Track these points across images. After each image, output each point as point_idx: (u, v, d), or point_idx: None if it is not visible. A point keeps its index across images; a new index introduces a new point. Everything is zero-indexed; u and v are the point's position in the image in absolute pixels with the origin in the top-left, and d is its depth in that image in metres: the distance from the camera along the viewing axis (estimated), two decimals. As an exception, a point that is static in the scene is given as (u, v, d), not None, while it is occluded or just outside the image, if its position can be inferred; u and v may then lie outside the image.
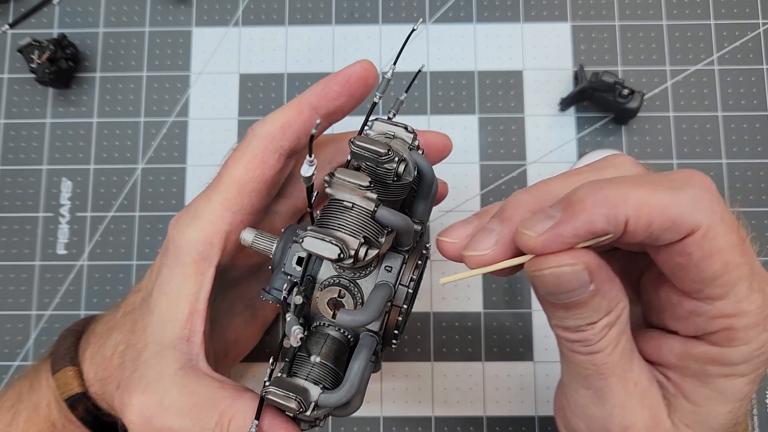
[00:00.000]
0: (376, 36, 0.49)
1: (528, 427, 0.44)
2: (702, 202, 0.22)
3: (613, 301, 0.24)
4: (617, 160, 0.26)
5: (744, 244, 0.22)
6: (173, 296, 0.32)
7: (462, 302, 0.46)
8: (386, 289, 0.28)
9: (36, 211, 0.47)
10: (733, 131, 0.47)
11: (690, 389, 0.25)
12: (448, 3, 0.49)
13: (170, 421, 0.30)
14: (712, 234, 0.22)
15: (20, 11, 0.50)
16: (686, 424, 0.25)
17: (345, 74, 0.33)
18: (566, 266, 0.22)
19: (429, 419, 0.44)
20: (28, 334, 0.46)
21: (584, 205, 0.22)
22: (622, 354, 0.25)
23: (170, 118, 0.48)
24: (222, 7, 0.50)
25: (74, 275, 0.47)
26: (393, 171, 0.27)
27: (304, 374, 0.28)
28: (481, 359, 0.45)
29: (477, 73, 0.48)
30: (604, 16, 0.49)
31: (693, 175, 0.22)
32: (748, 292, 0.23)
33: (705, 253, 0.22)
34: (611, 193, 0.22)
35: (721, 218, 0.22)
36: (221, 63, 0.49)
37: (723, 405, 0.25)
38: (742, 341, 0.23)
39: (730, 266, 0.22)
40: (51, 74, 0.46)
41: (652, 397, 0.26)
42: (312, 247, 0.26)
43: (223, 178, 0.33)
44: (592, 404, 0.26)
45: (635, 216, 0.21)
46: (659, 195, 0.22)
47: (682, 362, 0.25)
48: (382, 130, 0.29)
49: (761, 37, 0.48)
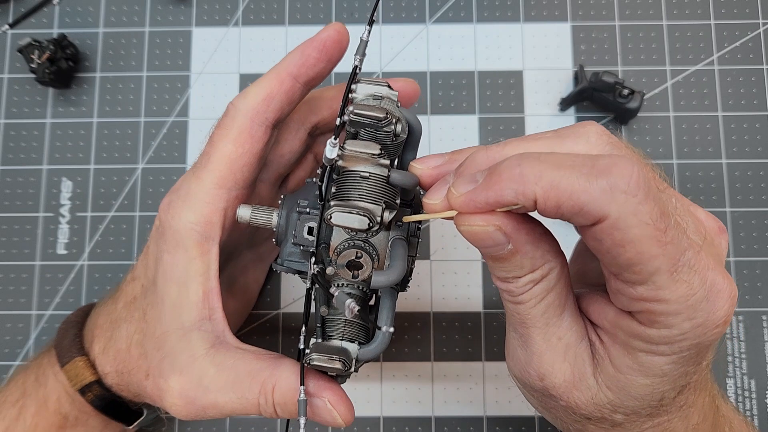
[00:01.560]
0: (376, 36, 0.49)
1: (528, 427, 0.44)
2: (614, 193, 0.22)
3: (538, 261, 0.26)
4: (584, 129, 0.26)
5: (665, 235, 0.23)
6: (182, 281, 0.32)
7: (462, 302, 0.46)
8: (403, 244, 0.30)
9: (36, 211, 0.47)
10: (733, 131, 0.47)
11: (615, 355, 0.26)
12: (448, 3, 0.49)
13: (214, 398, 0.31)
14: (622, 225, 0.22)
15: (20, 11, 0.50)
16: (608, 386, 0.27)
17: (320, 39, 0.33)
18: (477, 227, 0.25)
19: (429, 419, 0.44)
20: (28, 334, 0.46)
21: (500, 177, 0.24)
22: (547, 309, 0.27)
23: (170, 118, 0.48)
24: (222, 7, 0.50)
25: (74, 275, 0.47)
26: (392, 132, 0.28)
27: (339, 335, 0.30)
28: (481, 359, 0.45)
29: (477, 73, 0.48)
30: (604, 16, 0.49)
31: (617, 164, 0.22)
32: (669, 281, 0.23)
33: (615, 242, 0.23)
34: (527, 170, 0.23)
35: (635, 211, 0.22)
36: (221, 63, 0.49)
37: (642, 377, 0.26)
38: (662, 325, 0.24)
39: (644, 257, 0.23)
40: (51, 74, 0.46)
41: (578, 354, 0.27)
42: (341, 221, 0.27)
43: (212, 156, 0.33)
44: (518, 347, 0.28)
45: (544, 196, 0.23)
46: (572, 180, 0.22)
47: (613, 329, 0.26)
48: (367, 92, 0.29)
49: (761, 37, 0.48)
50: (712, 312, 0.24)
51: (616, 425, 0.28)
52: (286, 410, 0.31)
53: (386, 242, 0.30)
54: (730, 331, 0.45)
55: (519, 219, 0.25)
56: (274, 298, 0.46)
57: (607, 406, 0.27)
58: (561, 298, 0.27)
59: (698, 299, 0.24)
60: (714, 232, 0.28)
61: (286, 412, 0.31)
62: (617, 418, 0.28)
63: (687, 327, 0.24)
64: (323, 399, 0.30)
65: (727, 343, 0.45)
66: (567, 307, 0.27)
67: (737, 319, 0.45)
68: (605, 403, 0.27)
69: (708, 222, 0.28)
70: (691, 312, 0.24)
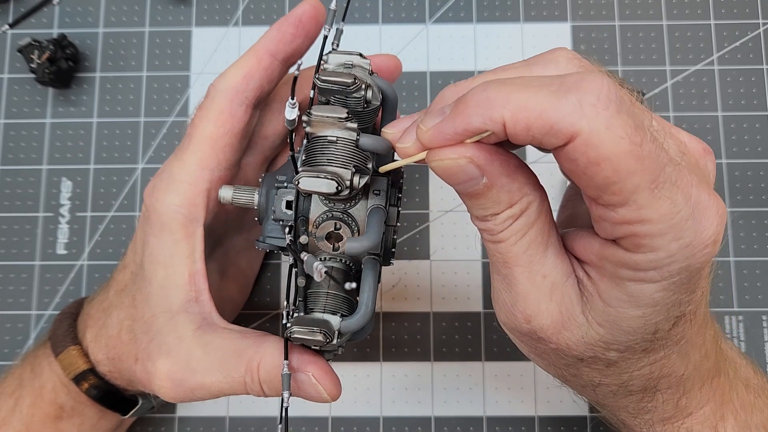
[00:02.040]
0: (376, 36, 0.49)
1: (528, 427, 0.44)
2: (584, 108, 0.21)
3: (516, 195, 0.25)
4: (554, 54, 0.26)
5: (641, 149, 0.21)
6: (168, 263, 0.32)
7: (462, 302, 0.46)
8: (381, 212, 0.30)
9: (36, 211, 0.47)
10: (733, 131, 0.47)
11: (604, 289, 0.25)
12: (448, 3, 0.49)
13: (201, 379, 0.31)
14: (595, 141, 0.21)
15: (20, 11, 0.50)
16: (598, 322, 0.26)
17: (296, 15, 0.33)
18: (448, 160, 0.24)
19: (429, 419, 0.44)
20: (28, 334, 0.46)
21: (467, 105, 0.23)
22: (529, 246, 0.25)
23: (170, 118, 0.48)
24: (222, 7, 0.50)
25: (74, 275, 0.47)
26: (362, 98, 0.28)
27: (320, 308, 0.29)
28: (481, 359, 0.45)
29: (477, 73, 0.48)
30: (604, 16, 0.49)
31: (586, 78, 0.21)
32: (651, 199, 0.22)
33: (590, 159, 0.22)
34: (493, 95, 0.22)
35: (607, 125, 0.21)
36: (221, 63, 0.49)
37: (633, 308, 0.25)
38: (648, 248, 0.23)
39: (621, 174, 0.21)
40: (51, 74, 0.46)
41: (564, 292, 0.26)
42: (309, 185, 0.27)
43: (193, 138, 0.33)
44: (503, 289, 0.27)
45: (512, 119, 0.22)
46: (540, 99, 0.21)
47: (600, 262, 0.25)
48: (339, 61, 0.29)
49: (761, 37, 0.48)
50: (700, 231, 0.23)
51: (610, 364, 0.27)
52: (272, 387, 0.31)
53: (365, 212, 0.30)
54: (730, 330, 0.45)
55: (491, 150, 0.24)
56: (274, 298, 0.46)
57: (599, 343, 0.26)
58: (543, 234, 0.26)
59: (683, 217, 0.22)
60: (699, 154, 0.26)
61: (272, 390, 0.31)
62: (611, 356, 0.27)
63: (674, 248, 0.23)
64: (307, 374, 0.30)
65: (727, 343, 0.45)
66: (550, 244, 0.26)
67: (737, 319, 0.45)
68: (597, 341, 0.26)
69: (692, 144, 0.26)
70: (677, 231, 0.22)
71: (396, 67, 0.37)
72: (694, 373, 0.29)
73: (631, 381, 0.28)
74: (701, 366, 0.29)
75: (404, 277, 0.46)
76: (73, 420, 0.36)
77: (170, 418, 0.44)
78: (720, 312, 0.45)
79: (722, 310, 0.45)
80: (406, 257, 0.46)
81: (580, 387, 0.31)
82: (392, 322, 0.45)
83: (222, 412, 0.45)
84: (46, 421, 0.36)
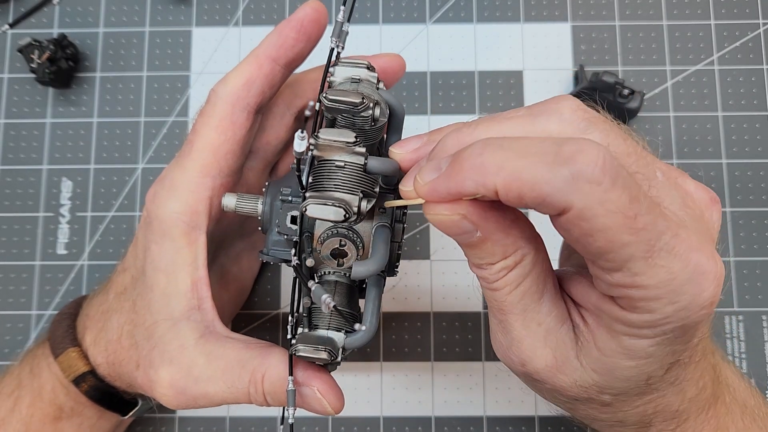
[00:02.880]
0: (376, 36, 0.49)
1: (528, 427, 0.44)
2: (577, 183, 0.21)
3: (510, 248, 0.25)
4: (557, 105, 0.26)
5: (635, 222, 0.22)
6: (170, 271, 0.32)
7: (462, 302, 0.46)
8: (386, 231, 0.29)
9: (36, 211, 0.47)
10: (733, 131, 0.47)
11: (600, 338, 0.26)
12: (448, 3, 0.49)
13: (204, 388, 0.31)
14: (588, 215, 0.21)
15: (20, 11, 0.50)
16: (593, 368, 0.26)
17: (298, 18, 0.33)
18: (442, 215, 0.24)
19: (429, 419, 0.44)
20: (28, 334, 0.46)
21: (461, 167, 0.23)
22: (524, 296, 0.26)
23: (170, 118, 0.48)
24: (222, 7, 0.50)
25: (74, 275, 0.47)
26: (369, 117, 0.27)
27: (325, 325, 0.29)
28: (481, 359, 0.45)
29: (477, 73, 0.48)
30: (604, 16, 0.49)
31: (582, 151, 0.21)
32: (645, 267, 0.22)
33: (583, 231, 0.22)
34: (488, 160, 0.22)
35: (600, 200, 0.21)
36: (221, 63, 0.49)
37: (627, 360, 0.25)
38: (643, 310, 0.23)
39: (615, 245, 0.22)
40: (51, 74, 0.46)
41: (559, 338, 0.27)
42: (317, 213, 0.26)
43: (194, 144, 0.33)
44: (499, 332, 0.28)
45: (505, 188, 0.22)
46: (534, 171, 0.21)
47: (597, 311, 0.26)
48: (345, 75, 0.29)
49: (761, 37, 0.48)
50: (697, 294, 0.23)
51: (605, 405, 0.28)
52: (276, 399, 0.31)
53: (371, 229, 0.30)
54: (730, 330, 0.45)
55: (486, 206, 0.24)
56: (274, 298, 0.46)
57: (594, 387, 0.27)
58: (538, 283, 0.26)
59: (680, 283, 0.23)
60: (705, 205, 0.26)
61: (276, 401, 0.31)
62: (605, 399, 0.27)
63: (670, 311, 0.23)
64: (312, 388, 0.30)
65: (727, 342, 0.45)
66: (546, 292, 0.27)
67: (737, 319, 0.45)
68: (591, 385, 0.27)
69: (698, 194, 0.26)
70: (673, 296, 0.23)
71: (400, 67, 0.37)
72: (690, 406, 0.29)
73: (626, 417, 0.29)
74: (698, 398, 0.29)
75: (404, 277, 0.46)
76: (72, 420, 0.36)
77: (170, 418, 0.45)
78: (720, 312, 0.45)
79: (722, 310, 0.45)
80: (406, 257, 0.46)
81: (579, 418, 0.31)
82: (392, 322, 0.45)
83: (222, 412, 0.45)
84: (45, 421, 0.36)
